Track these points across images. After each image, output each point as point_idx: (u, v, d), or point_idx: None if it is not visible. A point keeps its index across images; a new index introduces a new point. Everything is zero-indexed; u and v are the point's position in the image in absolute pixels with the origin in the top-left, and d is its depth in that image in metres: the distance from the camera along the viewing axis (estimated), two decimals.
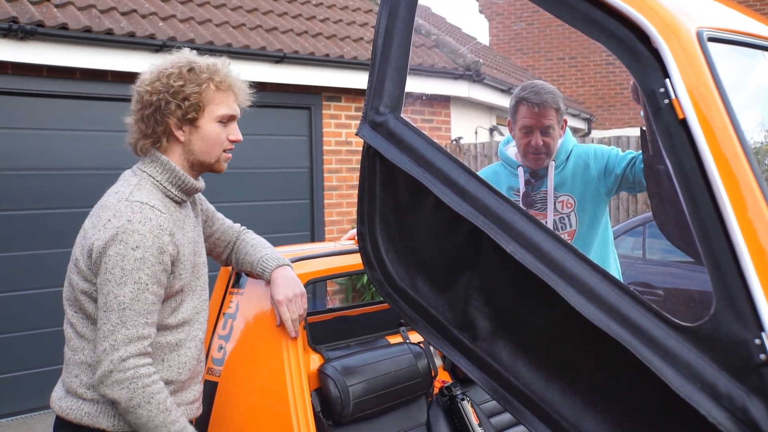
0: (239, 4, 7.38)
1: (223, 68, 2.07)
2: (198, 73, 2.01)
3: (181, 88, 1.99)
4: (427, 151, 1.75)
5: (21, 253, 5.72)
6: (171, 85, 1.99)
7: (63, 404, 2.01)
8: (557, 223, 2.96)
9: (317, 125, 7.51)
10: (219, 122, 2.05)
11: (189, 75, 2.01)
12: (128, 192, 1.96)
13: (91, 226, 1.95)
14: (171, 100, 1.98)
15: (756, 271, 1.27)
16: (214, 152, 2.06)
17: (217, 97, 2.03)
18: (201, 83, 2.00)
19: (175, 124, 2.02)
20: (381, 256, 1.88)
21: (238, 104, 2.11)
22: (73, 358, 2.01)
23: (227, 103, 2.06)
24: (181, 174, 2.04)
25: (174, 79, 1.99)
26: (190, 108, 1.99)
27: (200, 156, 2.06)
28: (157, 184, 2.02)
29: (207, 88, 2.01)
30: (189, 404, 2.11)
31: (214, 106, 2.03)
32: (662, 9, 1.46)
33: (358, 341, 2.65)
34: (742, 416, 1.29)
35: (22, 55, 5.46)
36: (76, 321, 2.00)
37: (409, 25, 1.82)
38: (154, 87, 2.00)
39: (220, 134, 2.05)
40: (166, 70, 2.02)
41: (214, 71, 2.04)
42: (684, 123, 1.37)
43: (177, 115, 2.00)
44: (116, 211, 1.91)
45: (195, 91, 1.99)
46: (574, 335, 1.59)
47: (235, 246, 2.36)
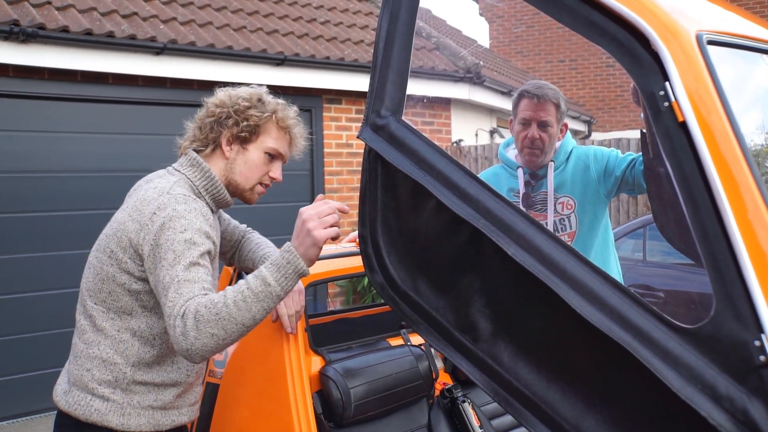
0: (240, 7, 7.40)
1: (290, 112, 2.18)
2: (265, 104, 2.13)
3: (246, 108, 2.10)
4: (428, 153, 1.75)
5: (22, 255, 5.73)
6: (237, 104, 2.11)
7: (69, 399, 2.00)
8: (557, 224, 2.96)
9: (318, 128, 7.52)
10: (266, 154, 2.13)
11: (257, 102, 2.13)
12: (168, 187, 2.01)
13: (130, 219, 1.97)
14: (232, 116, 2.10)
15: (756, 273, 1.27)
16: (252, 179, 2.14)
17: (274, 131, 2.13)
18: (265, 112, 2.11)
19: (227, 139, 2.11)
20: (382, 258, 1.88)
21: (291, 151, 2.20)
22: (86, 351, 2.00)
23: (280, 141, 2.15)
24: (218, 183, 2.11)
25: (242, 100, 2.12)
26: (246, 128, 2.10)
27: (238, 177, 2.13)
28: (194, 188, 2.07)
29: (268, 119, 2.12)
30: (190, 406, 2.12)
31: (269, 137, 2.13)
32: (662, 12, 1.46)
33: (360, 343, 2.66)
34: (742, 417, 1.29)
35: (24, 58, 5.48)
36: (96, 314, 2.00)
37: (410, 28, 1.83)
38: (222, 101, 2.13)
39: (261, 165, 2.13)
40: (239, 93, 2.15)
41: (280, 108, 2.15)
42: (684, 126, 1.38)
43: (232, 131, 2.10)
44: (159, 204, 1.94)
45: (256, 116, 2.10)
46: (574, 337, 1.59)
47: (239, 245, 2.39)
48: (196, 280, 1.84)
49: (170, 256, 1.87)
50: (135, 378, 1.98)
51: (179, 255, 1.86)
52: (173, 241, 1.88)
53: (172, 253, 1.87)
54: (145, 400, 1.99)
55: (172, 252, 1.87)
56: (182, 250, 1.87)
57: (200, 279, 1.86)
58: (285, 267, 1.87)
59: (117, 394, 1.97)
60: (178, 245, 1.87)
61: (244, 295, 1.80)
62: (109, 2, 6.23)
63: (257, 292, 1.81)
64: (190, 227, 1.91)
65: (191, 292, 1.81)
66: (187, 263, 1.86)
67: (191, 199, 1.98)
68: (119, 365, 1.97)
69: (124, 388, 1.97)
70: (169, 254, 1.87)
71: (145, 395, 1.99)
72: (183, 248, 1.87)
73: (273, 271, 1.85)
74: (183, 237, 1.89)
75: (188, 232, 1.90)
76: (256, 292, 1.81)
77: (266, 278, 1.84)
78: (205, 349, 1.77)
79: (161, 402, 2.02)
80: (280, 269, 1.86)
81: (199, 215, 1.96)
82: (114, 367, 1.97)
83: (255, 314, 1.81)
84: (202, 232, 1.93)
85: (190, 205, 1.96)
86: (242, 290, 1.81)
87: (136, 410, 1.98)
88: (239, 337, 1.82)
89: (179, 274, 1.84)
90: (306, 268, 1.89)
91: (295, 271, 1.87)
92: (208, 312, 1.76)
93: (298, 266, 1.88)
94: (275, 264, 1.87)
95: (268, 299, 1.83)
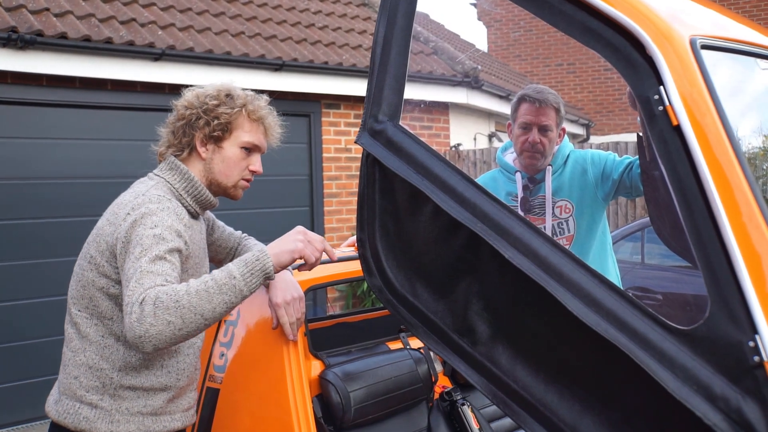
0: (238, 13, 7.41)
1: (260, 102, 2.16)
2: (234, 99, 2.11)
3: (214, 107, 2.08)
4: (425, 158, 1.77)
5: (19, 262, 5.72)
6: (206, 103, 2.09)
7: (59, 408, 2.00)
8: (555, 228, 2.97)
9: (316, 133, 7.53)
10: (242, 148, 2.12)
11: (225, 98, 2.10)
12: (145, 190, 2.02)
13: (107, 223, 1.98)
14: (202, 116, 2.08)
15: (749, 275, 1.29)
16: (233, 176, 2.13)
17: (247, 125, 2.12)
18: (234, 107, 2.09)
19: (201, 140, 2.10)
20: (381, 262, 1.89)
21: (267, 141, 2.18)
22: (73, 359, 2.00)
23: (254, 134, 2.13)
24: (198, 185, 2.10)
25: (210, 99, 2.10)
26: (217, 126, 2.08)
27: (218, 176, 2.12)
28: (174, 191, 2.07)
29: (239, 113, 2.10)
30: (184, 411, 2.12)
31: (242, 132, 2.11)
32: (656, 17, 1.48)
33: (359, 347, 2.67)
34: (737, 418, 1.30)
35: (22, 65, 5.49)
36: (80, 320, 2.00)
37: (407, 33, 1.84)
38: (190, 102, 2.11)
39: (240, 160, 2.12)
40: (206, 91, 2.13)
41: (249, 101, 2.13)
42: (678, 129, 1.39)
43: (204, 132, 2.09)
44: (134, 205, 1.95)
45: (226, 113, 2.08)
46: (572, 339, 1.60)
47: (236, 252, 2.39)
48: (159, 273, 1.82)
49: (137, 249, 1.86)
50: (122, 383, 1.98)
51: (146, 248, 1.85)
52: (142, 236, 1.87)
53: (139, 246, 1.86)
54: (135, 406, 1.99)
55: (139, 246, 1.86)
56: (150, 244, 1.86)
57: (164, 272, 1.82)
58: (253, 264, 1.87)
59: (105, 401, 1.97)
60: (146, 240, 1.87)
61: (207, 285, 1.79)
62: (108, 8, 6.24)
63: (221, 284, 1.80)
64: (161, 224, 1.91)
65: (152, 282, 1.78)
66: (153, 256, 1.84)
67: (165, 199, 1.99)
68: (105, 370, 1.97)
69: (112, 393, 1.97)
70: (137, 248, 1.86)
71: (134, 401, 1.99)
72: (151, 242, 1.86)
73: (240, 266, 1.86)
74: (152, 232, 1.88)
75: (158, 228, 1.89)
76: (220, 284, 1.80)
77: (232, 271, 1.84)
78: (160, 337, 1.72)
79: (151, 407, 2.01)
80: (248, 265, 1.87)
81: (172, 213, 1.96)
82: (101, 372, 1.97)
83: (215, 306, 1.79)
84: (173, 229, 1.92)
85: (163, 204, 1.96)
86: (206, 281, 1.81)
87: (125, 417, 1.97)
88: (196, 330, 1.78)
89: (143, 266, 1.82)
90: (272, 270, 1.90)
91: (262, 270, 1.88)
92: (168, 298, 1.73)
93: (266, 265, 1.89)
94: (244, 260, 1.88)
95: (231, 292, 1.81)
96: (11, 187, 5.70)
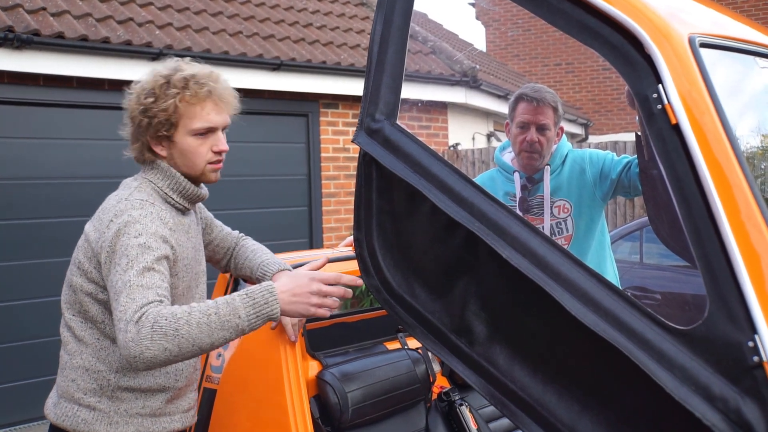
0: (236, 12, 7.40)
1: (200, 78, 2.00)
2: (169, 88, 1.96)
3: (151, 105, 1.96)
4: (423, 157, 1.76)
5: (17, 262, 5.71)
6: (142, 103, 1.97)
7: (58, 411, 1.99)
8: (554, 227, 2.97)
9: (315, 132, 7.52)
10: (195, 135, 2.00)
11: (161, 91, 1.97)
12: (128, 193, 1.98)
13: (93, 229, 1.96)
14: (143, 118, 1.98)
15: (748, 274, 1.28)
16: (197, 166, 2.03)
17: (190, 111, 1.98)
18: (169, 99, 1.96)
19: (153, 142, 2.01)
20: (378, 262, 1.89)
21: (223, 114, 2.04)
22: (69, 362, 2.00)
23: (202, 116, 1.99)
24: (181, 180, 2.03)
25: (146, 95, 1.97)
26: (159, 125, 1.97)
27: (185, 169, 2.04)
28: (158, 190, 2.02)
29: (176, 104, 1.96)
30: (184, 412, 2.11)
31: (188, 120, 1.98)
32: (655, 15, 1.47)
33: (357, 347, 2.66)
34: (736, 418, 1.30)
35: (19, 64, 5.47)
36: (74, 324, 1.99)
37: (404, 32, 1.83)
38: (131, 105, 2.01)
39: (197, 148, 2.01)
40: (145, 84, 2.00)
41: (185, 85, 1.97)
42: (677, 128, 1.39)
43: (150, 133, 1.99)
44: (117, 211, 1.91)
45: (163, 108, 1.95)
46: (570, 339, 1.60)
47: (234, 252, 2.37)
48: (149, 286, 1.78)
49: (123, 261, 1.82)
50: (120, 384, 1.96)
51: (132, 260, 1.82)
52: (127, 246, 1.83)
53: (125, 258, 1.82)
54: (133, 408, 1.97)
55: (125, 257, 1.82)
56: (135, 254, 1.82)
57: (154, 285, 1.79)
58: (261, 306, 1.81)
59: (103, 403, 1.96)
60: (131, 250, 1.83)
61: (210, 319, 1.75)
62: (105, 8, 6.23)
63: (224, 320, 1.76)
64: (145, 231, 1.87)
65: (145, 298, 1.75)
66: (141, 268, 1.80)
67: (148, 203, 1.94)
68: (102, 372, 1.96)
69: (110, 395, 1.96)
70: (123, 259, 1.82)
71: (132, 402, 1.97)
72: (137, 253, 1.83)
73: (247, 305, 1.80)
74: (137, 242, 1.84)
75: (143, 236, 1.85)
76: (223, 320, 1.76)
77: (237, 310, 1.78)
78: (154, 361, 1.71)
79: (150, 409, 2.00)
80: (255, 306, 1.80)
81: (156, 219, 1.91)
82: (98, 374, 1.96)
83: (214, 341, 1.76)
84: (158, 236, 1.88)
85: (146, 209, 1.92)
86: (209, 313, 1.75)
87: (123, 418, 1.96)
88: (190, 357, 1.77)
89: (132, 279, 1.78)
90: (278, 317, 1.85)
91: (268, 314, 1.82)
92: (167, 324, 1.71)
93: (273, 310, 1.83)
94: (251, 298, 1.81)
95: (232, 330, 1.77)
96: (8, 187, 5.69)
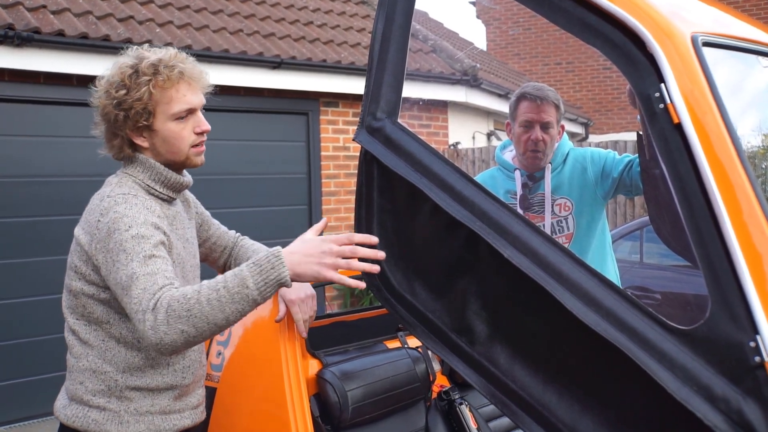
0: (236, 10, 7.40)
1: (170, 61, 1.95)
2: (139, 76, 1.92)
3: (124, 97, 1.91)
4: (424, 156, 1.76)
5: (17, 260, 5.71)
6: (115, 97, 1.92)
7: (68, 412, 1.99)
8: (555, 226, 2.97)
9: (315, 131, 7.52)
10: (176, 120, 1.96)
11: (131, 81, 1.92)
12: (109, 190, 1.96)
13: (83, 232, 1.95)
14: (118, 113, 1.93)
15: (751, 274, 1.28)
16: (181, 151, 2.00)
17: (165, 96, 1.93)
18: (142, 87, 1.91)
19: (133, 134, 1.98)
20: (379, 261, 1.88)
21: (200, 92, 2.00)
22: (76, 365, 2.00)
23: (179, 99, 1.95)
24: (162, 169, 2.00)
25: (117, 89, 1.92)
26: (137, 116, 1.92)
27: (168, 156, 2.01)
28: (140, 183, 2.00)
29: (150, 91, 1.91)
30: (193, 409, 2.10)
31: (164, 105, 1.94)
32: (657, 14, 1.47)
33: (357, 346, 2.66)
34: (737, 418, 1.29)
35: (19, 62, 5.47)
36: (78, 328, 1.99)
37: (405, 31, 1.83)
38: (102, 102, 1.96)
39: (180, 132, 1.98)
40: (112, 78, 1.95)
41: (155, 70, 1.92)
42: (679, 127, 1.38)
43: (129, 126, 1.95)
44: (102, 210, 1.90)
45: (138, 98, 1.91)
46: (571, 339, 1.59)
47: (233, 251, 2.36)
48: (155, 272, 1.77)
49: (122, 256, 1.81)
50: (128, 384, 1.96)
51: (130, 253, 1.81)
52: (121, 241, 1.83)
53: (123, 253, 1.81)
54: (143, 406, 1.97)
55: (123, 252, 1.81)
56: (132, 246, 1.81)
57: (160, 270, 1.78)
58: (268, 272, 1.74)
59: (113, 403, 1.96)
60: (127, 243, 1.82)
61: (219, 294, 1.71)
62: (105, 6, 6.23)
63: (233, 292, 1.71)
64: (135, 223, 1.85)
65: (155, 284, 1.74)
66: (142, 258, 1.79)
67: (131, 196, 1.92)
68: (110, 373, 1.96)
69: (119, 395, 1.96)
70: (121, 255, 1.81)
71: (141, 401, 1.97)
72: (132, 245, 1.81)
73: (254, 273, 1.73)
74: (129, 234, 1.83)
75: (134, 228, 1.84)
76: (233, 293, 1.71)
77: (246, 280, 1.72)
78: (175, 345, 1.71)
79: (159, 407, 2.00)
80: (263, 272, 1.73)
81: (142, 209, 1.90)
82: (105, 375, 1.96)
83: (228, 315, 1.72)
84: (148, 223, 1.87)
85: (129, 202, 1.90)
86: (218, 288, 1.72)
87: (134, 417, 1.96)
88: (210, 335, 1.74)
89: (136, 270, 1.77)
90: (288, 281, 1.75)
91: (277, 279, 1.74)
92: (180, 306, 1.69)
93: (281, 274, 1.74)
94: (258, 265, 1.74)
95: (243, 302, 1.72)
96: (8, 185, 5.68)
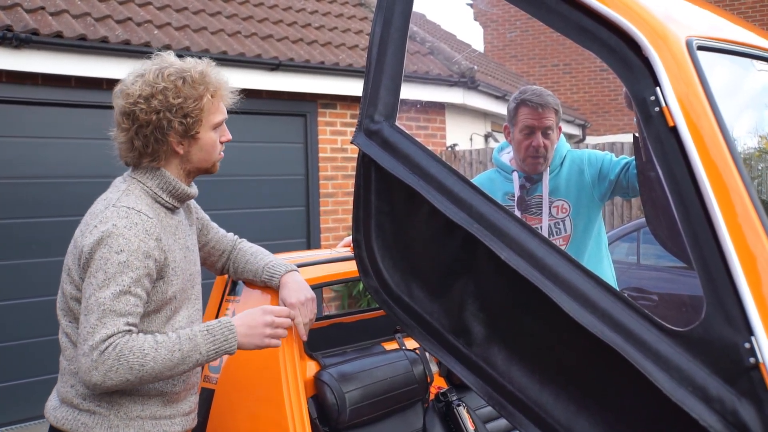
0: (234, 12, 7.40)
1: (213, 74, 2.04)
2: (193, 85, 1.96)
3: (181, 105, 1.94)
4: (421, 158, 1.77)
5: (15, 261, 5.70)
6: (171, 103, 1.93)
7: (58, 414, 1.99)
8: (552, 228, 2.97)
9: (313, 132, 7.52)
10: (215, 129, 2.04)
11: (185, 89, 1.95)
12: (116, 198, 1.96)
13: (80, 234, 1.95)
14: (173, 119, 1.94)
15: (745, 276, 1.29)
16: (212, 158, 2.07)
17: (213, 106, 2.02)
18: (199, 96, 1.97)
19: (177, 141, 1.99)
20: (376, 263, 1.89)
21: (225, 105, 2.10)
22: (68, 367, 1.99)
23: (219, 109, 2.05)
24: (172, 180, 2.02)
25: (172, 96, 1.94)
26: (192, 124, 1.97)
27: (198, 164, 2.05)
28: (147, 190, 2.00)
29: (202, 100, 1.97)
30: (185, 415, 2.10)
31: (211, 115, 2.01)
32: (653, 18, 1.48)
33: (354, 348, 2.66)
34: (732, 419, 1.30)
35: (17, 63, 5.46)
36: (71, 331, 1.99)
37: (403, 34, 1.84)
38: (152, 106, 1.93)
39: (216, 141, 2.05)
40: (158, 84, 1.95)
41: (208, 81, 2.00)
42: (674, 130, 1.39)
43: (179, 132, 1.97)
44: (103, 217, 1.90)
45: (196, 106, 1.96)
46: (567, 340, 1.60)
47: (231, 255, 2.36)
48: (122, 313, 1.83)
49: (100, 276, 1.83)
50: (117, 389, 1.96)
51: (110, 278, 1.83)
52: (107, 260, 1.84)
53: (102, 273, 1.83)
54: (132, 411, 1.97)
55: (102, 272, 1.84)
56: (114, 272, 1.83)
57: (127, 312, 1.84)
58: (221, 343, 1.94)
59: (103, 407, 1.95)
60: (110, 266, 1.84)
61: (173, 356, 1.86)
62: (103, 7, 6.23)
63: (186, 356, 1.88)
64: (128, 248, 1.85)
65: (115, 327, 1.81)
66: (117, 291, 1.83)
67: (134, 212, 1.91)
68: None
69: (108, 400, 1.95)
70: (100, 274, 1.84)
71: (130, 406, 1.97)
72: (115, 271, 1.84)
73: (208, 342, 1.91)
74: (118, 259, 1.84)
75: (124, 253, 1.85)
76: (185, 356, 1.88)
77: (199, 347, 1.90)
78: (111, 389, 1.85)
79: (149, 412, 1.99)
80: (216, 343, 1.93)
81: (141, 232, 1.89)
82: None
83: (174, 374, 1.89)
84: (140, 252, 1.87)
85: (132, 219, 1.89)
86: (173, 350, 1.86)
87: (123, 422, 1.96)
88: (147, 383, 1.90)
89: (106, 302, 1.82)
90: (234, 352, 1.98)
91: (226, 350, 1.95)
92: (134, 359, 1.81)
93: (231, 347, 1.96)
94: (212, 334, 1.93)
95: (191, 364, 1.90)
96: (5, 187, 5.67)
